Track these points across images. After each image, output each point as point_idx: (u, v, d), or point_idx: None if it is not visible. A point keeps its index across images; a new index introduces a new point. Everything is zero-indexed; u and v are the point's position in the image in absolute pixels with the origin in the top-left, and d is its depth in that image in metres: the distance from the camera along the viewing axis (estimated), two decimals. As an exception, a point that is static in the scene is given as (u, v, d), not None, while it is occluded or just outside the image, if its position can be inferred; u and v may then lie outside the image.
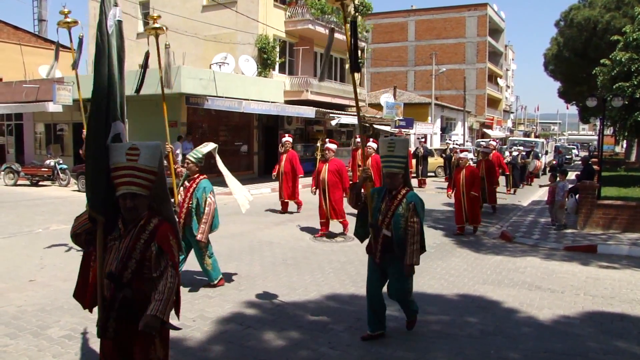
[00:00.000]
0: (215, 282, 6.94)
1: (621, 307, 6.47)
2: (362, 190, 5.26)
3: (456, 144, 25.38)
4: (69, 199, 15.73)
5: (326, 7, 25.96)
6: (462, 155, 11.77)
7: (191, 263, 8.13)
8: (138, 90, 7.67)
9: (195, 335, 5.29)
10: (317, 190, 10.81)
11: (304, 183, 15.87)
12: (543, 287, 7.32)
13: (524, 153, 22.64)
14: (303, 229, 11.51)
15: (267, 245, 9.82)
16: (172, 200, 6.21)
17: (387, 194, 5.05)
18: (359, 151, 17.36)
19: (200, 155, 6.72)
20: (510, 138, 41.21)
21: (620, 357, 5.00)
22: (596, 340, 5.37)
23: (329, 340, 5.19)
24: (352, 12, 5.03)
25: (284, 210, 13.79)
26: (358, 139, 18.49)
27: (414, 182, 20.07)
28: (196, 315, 5.83)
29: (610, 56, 17.43)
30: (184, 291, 6.73)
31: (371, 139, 13.75)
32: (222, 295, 6.63)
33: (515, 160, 20.81)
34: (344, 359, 4.80)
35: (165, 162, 6.00)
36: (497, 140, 26.50)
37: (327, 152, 10.87)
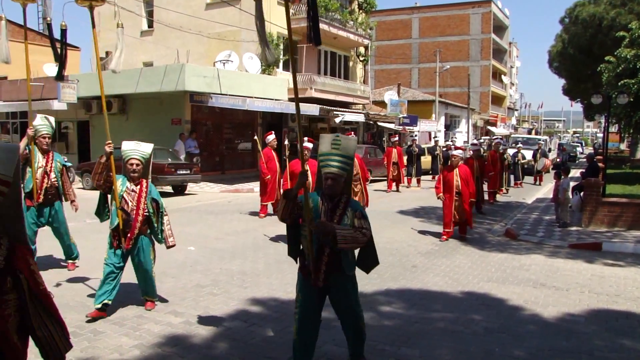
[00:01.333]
0: (156, 300, 6.07)
1: (626, 305, 6.45)
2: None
3: (452, 141, 24.54)
4: (73, 197, 15.77)
5: (330, 4, 25.94)
6: (455, 152, 10.62)
7: (195, 261, 8.13)
8: (60, 76, 6.33)
9: (200, 332, 5.30)
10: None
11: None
12: (548, 284, 7.31)
13: (522, 152, 22.15)
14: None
15: (272, 242, 9.83)
16: (114, 207, 5.60)
17: (326, 201, 4.15)
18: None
19: (147, 156, 5.87)
20: (513, 135, 40.69)
21: (626, 355, 4.99)
22: (601, 338, 5.36)
23: (333, 337, 5.19)
24: None
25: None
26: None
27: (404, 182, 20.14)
28: (201, 313, 5.84)
29: (616, 53, 17.33)
30: (188, 289, 6.75)
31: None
32: (226, 292, 6.64)
33: (514, 159, 20.23)
34: (348, 355, 4.79)
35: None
36: (502, 138, 26.17)
37: (306, 152, 10.36)
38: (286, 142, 13.21)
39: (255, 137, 13.91)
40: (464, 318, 5.87)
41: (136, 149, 5.83)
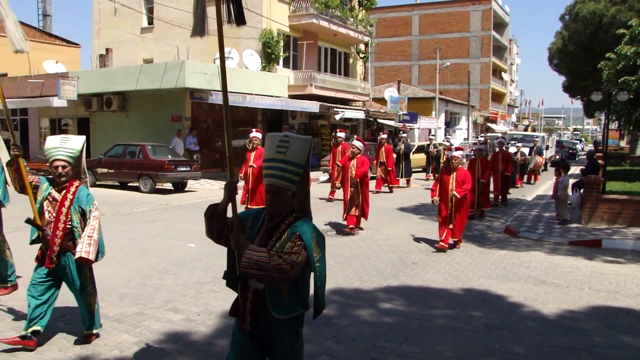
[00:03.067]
0: (97, 331, 4.97)
1: (626, 302, 6.46)
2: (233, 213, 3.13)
3: (446, 141, 21.54)
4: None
5: (330, 1, 25.90)
6: (456, 153, 9.34)
7: (195, 258, 8.14)
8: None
9: (200, 329, 5.31)
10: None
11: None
12: (548, 281, 7.31)
13: (522, 150, 20.71)
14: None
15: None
16: (33, 219, 4.57)
17: (267, 221, 3.13)
18: (339, 148, 15.60)
19: (77, 153, 4.65)
20: (509, 132, 38.88)
21: (626, 351, 4.99)
22: (601, 334, 5.37)
23: (334, 335, 5.20)
24: None
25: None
26: (340, 134, 16.21)
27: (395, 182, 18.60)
28: (201, 310, 5.84)
29: (616, 50, 17.30)
30: (188, 286, 6.75)
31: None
32: (226, 289, 6.60)
33: (514, 158, 18.54)
34: (348, 352, 4.81)
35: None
36: (503, 136, 25.34)
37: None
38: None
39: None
40: (464, 315, 5.88)
41: (61, 147, 4.57)
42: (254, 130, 11.53)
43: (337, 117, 25.88)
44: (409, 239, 10.16)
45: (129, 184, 17.84)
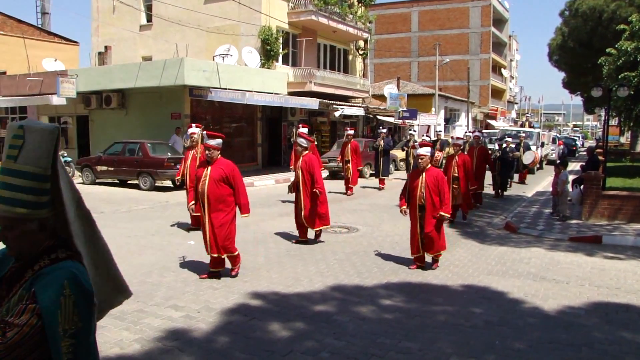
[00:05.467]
0: None
1: (626, 298, 6.46)
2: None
3: (426, 136, 18.14)
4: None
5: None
6: (421, 151, 7.55)
7: (197, 253, 8.15)
8: None
9: (201, 326, 5.31)
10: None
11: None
12: (548, 277, 7.31)
13: (512, 146, 18.26)
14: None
15: (272, 236, 9.83)
16: None
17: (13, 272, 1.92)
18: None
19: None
20: (502, 128, 36.35)
21: (626, 347, 4.99)
22: (601, 330, 5.37)
23: (334, 331, 5.20)
24: None
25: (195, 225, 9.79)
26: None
27: (370, 182, 17.57)
28: (201, 307, 5.84)
29: (616, 46, 17.30)
30: (188, 282, 6.75)
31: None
32: (227, 286, 6.65)
33: (506, 155, 16.78)
34: (348, 349, 4.80)
35: None
36: (477, 131, 21.67)
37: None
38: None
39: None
40: (464, 311, 5.88)
41: None
42: (193, 125, 10.32)
43: (337, 114, 25.87)
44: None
45: (129, 182, 17.83)
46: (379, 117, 32.13)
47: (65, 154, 20.01)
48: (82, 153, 22.75)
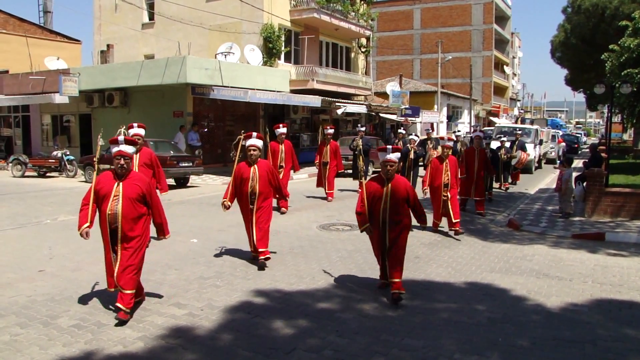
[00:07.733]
0: None
1: (629, 295, 6.45)
2: None
3: (414, 134, 15.92)
4: (76, 190, 15.79)
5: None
6: (391, 156, 6.43)
7: (198, 253, 8.15)
8: None
9: (204, 324, 5.31)
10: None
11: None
12: (551, 274, 7.30)
13: (507, 145, 17.33)
14: (310, 217, 11.52)
15: (274, 234, 9.81)
16: None
17: None
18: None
19: None
20: (497, 125, 34.53)
21: (629, 344, 4.99)
22: (605, 327, 5.36)
23: (337, 329, 5.20)
24: None
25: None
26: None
27: (349, 183, 16.87)
28: (204, 305, 5.85)
29: (619, 42, 17.24)
30: (191, 280, 6.76)
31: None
32: (230, 284, 6.65)
33: (496, 153, 15.79)
34: (351, 346, 4.80)
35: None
36: (478, 130, 20.67)
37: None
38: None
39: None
40: (467, 308, 5.87)
41: None
42: (135, 125, 9.26)
43: (339, 111, 25.85)
44: (411, 233, 10.10)
45: (132, 180, 17.82)
46: (381, 115, 32.11)
47: (68, 153, 20.05)
48: (84, 151, 22.81)
